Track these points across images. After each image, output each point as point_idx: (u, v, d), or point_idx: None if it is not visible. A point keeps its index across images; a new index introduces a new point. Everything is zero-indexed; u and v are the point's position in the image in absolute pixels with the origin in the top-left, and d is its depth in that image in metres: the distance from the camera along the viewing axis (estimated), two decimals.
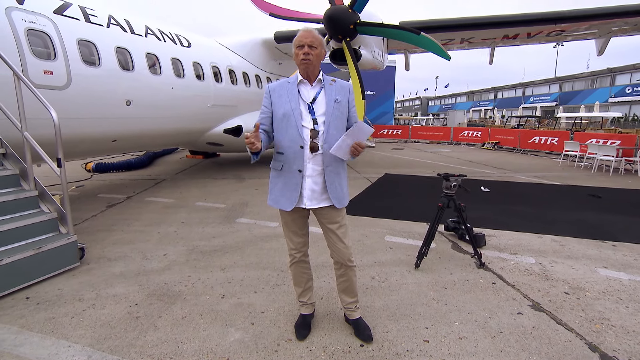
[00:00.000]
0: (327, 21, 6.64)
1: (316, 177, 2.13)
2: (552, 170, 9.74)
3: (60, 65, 4.71)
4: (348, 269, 2.29)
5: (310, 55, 2.05)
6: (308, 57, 2.05)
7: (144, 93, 6.08)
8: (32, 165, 3.64)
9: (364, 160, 11.21)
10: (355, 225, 4.68)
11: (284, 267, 3.43)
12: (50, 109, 3.39)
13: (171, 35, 7.13)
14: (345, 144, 2.04)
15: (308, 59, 2.05)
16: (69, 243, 3.41)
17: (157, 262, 3.60)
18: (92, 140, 5.53)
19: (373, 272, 3.36)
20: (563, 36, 9.25)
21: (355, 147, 2.03)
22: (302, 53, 2.05)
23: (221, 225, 4.78)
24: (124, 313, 2.66)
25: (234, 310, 2.70)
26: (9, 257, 2.94)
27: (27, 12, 4.44)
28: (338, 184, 2.18)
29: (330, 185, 2.14)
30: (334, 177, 2.15)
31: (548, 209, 5.62)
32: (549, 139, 13.71)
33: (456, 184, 3.39)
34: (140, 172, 9.18)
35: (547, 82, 46.95)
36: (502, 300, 2.85)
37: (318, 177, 2.13)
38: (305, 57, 2.05)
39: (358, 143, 2.03)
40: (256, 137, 1.94)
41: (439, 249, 3.95)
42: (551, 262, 3.59)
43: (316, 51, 2.07)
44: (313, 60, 2.07)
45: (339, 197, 2.18)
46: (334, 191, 2.15)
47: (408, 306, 2.76)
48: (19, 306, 2.77)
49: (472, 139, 17.52)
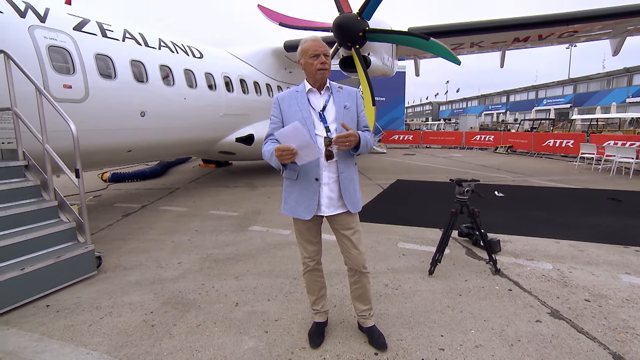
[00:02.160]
0: (336, 29, 6.71)
1: (332, 185, 2.15)
2: (568, 174, 9.52)
3: (79, 79, 4.88)
4: (362, 275, 2.29)
5: (326, 64, 2.10)
6: (325, 67, 2.10)
7: (157, 104, 6.22)
8: (52, 176, 3.76)
9: (375, 167, 11.19)
10: (367, 232, 4.66)
11: (297, 274, 3.44)
12: (69, 121, 3.51)
13: (183, 46, 7.30)
14: (306, 153, 1.93)
15: (325, 68, 2.10)
16: (87, 252, 3.49)
17: (171, 270, 3.65)
18: (108, 151, 5.68)
19: (386, 279, 3.34)
20: (576, 37, 9.11)
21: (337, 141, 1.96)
22: (319, 62, 2.08)
23: (234, 234, 4.82)
24: (140, 321, 2.71)
25: (247, 318, 2.71)
26: (31, 266, 3.03)
27: (49, 29, 4.63)
28: (353, 190, 2.20)
29: (345, 192, 2.16)
30: (348, 183, 2.17)
31: (565, 213, 5.49)
32: (564, 141, 13.43)
33: (469, 189, 3.36)
34: (154, 181, 9.37)
35: (561, 83, 46.14)
36: (519, 308, 2.79)
37: (334, 184, 2.15)
38: (322, 66, 2.09)
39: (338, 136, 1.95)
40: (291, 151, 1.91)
41: (453, 255, 3.89)
42: (570, 268, 3.50)
43: (329, 59, 2.13)
44: (329, 68, 2.13)
45: (354, 202, 2.20)
46: (349, 197, 2.17)
47: (422, 313, 2.73)
48: (39, 314, 2.85)
49: (484, 143, 17.30)
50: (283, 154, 1.90)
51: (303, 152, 1.92)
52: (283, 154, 1.90)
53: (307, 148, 1.91)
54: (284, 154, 1.90)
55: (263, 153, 2.16)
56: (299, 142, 1.89)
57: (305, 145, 1.91)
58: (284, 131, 1.92)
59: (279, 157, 1.92)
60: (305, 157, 1.95)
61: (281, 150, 1.90)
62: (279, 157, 1.92)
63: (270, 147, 2.07)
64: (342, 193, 2.15)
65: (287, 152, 1.89)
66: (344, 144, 1.98)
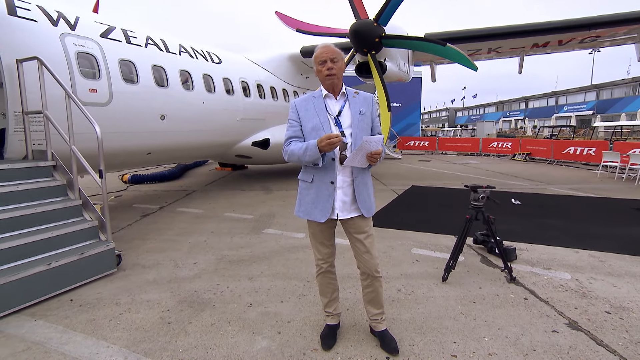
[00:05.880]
0: (352, 35, 6.77)
1: (346, 189, 2.19)
2: (589, 182, 9.26)
3: (104, 83, 5.09)
4: (374, 279, 2.30)
5: (333, 69, 2.14)
6: (332, 72, 2.14)
7: (177, 108, 6.40)
8: (77, 176, 3.93)
9: (390, 172, 11.14)
10: (381, 238, 4.66)
11: (310, 277, 3.47)
12: (94, 124, 3.67)
13: (203, 52, 7.50)
14: (359, 156, 2.05)
15: (333, 74, 2.14)
16: (108, 250, 3.62)
17: (187, 270, 3.74)
18: (129, 153, 5.87)
19: (399, 284, 3.33)
20: (599, 42, 8.86)
21: (372, 155, 2.05)
22: (325, 69, 2.14)
23: (249, 236, 4.89)
24: (157, 318, 2.79)
25: (260, 319, 2.76)
26: (57, 262, 3.17)
27: (78, 37, 4.86)
28: (366, 194, 2.23)
29: (359, 196, 2.19)
30: (362, 188, 2.21)
31: (585, 222, 5.35)
32: (585, 149, 13.06)
33: (484, 196, 3.33)
34: (172, 183, 9.60)
35: (583, 90, 44.92)
36: (535, 317, 2.74)
37: (348, 188, 2.19)
38: (329, 72, 2.14)
39: (374, 151, 2.04)
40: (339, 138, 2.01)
41: (468, 262, 3.85)
42: (589, 279, 3.41)
43: (338, 64, 2.16)
44: (337, 73, 2.15)
45: (368, 206, 2.23)
46: (363, 201, 2.20)
47: (435, 320, 2.72)
48: (63, 307, 2.98)
49: (502, 150, 16.99)
50: (334, 140, 1.97)
51: (358, 156, 2.04)
52: (334, 140, 1.97)
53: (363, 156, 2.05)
54: (334, 140, 1.97)
55: (289, 153, 2.19)
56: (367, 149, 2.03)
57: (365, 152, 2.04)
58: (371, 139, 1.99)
59: (329, 143, 1.97)
60: (356, 161, 2.08)
61: (332, 137, 1.97)
62: (328, 144, 1.97)
63: (295, 146, 2.15)
64: (357, 197, 2.19)
65: (337, 139, 1.98)
66: (376, 160, 2.07)
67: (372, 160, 2.08)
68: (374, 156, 2.05)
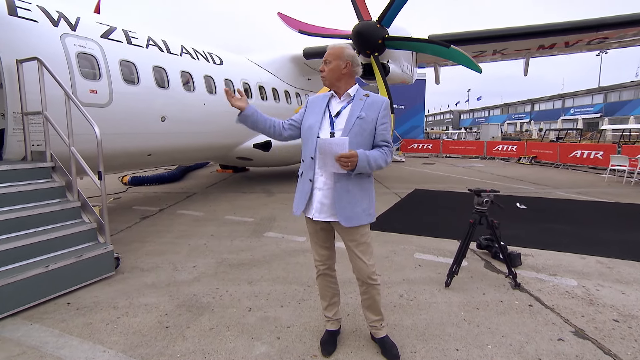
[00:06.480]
0: (355, 37, 6.78)
1: (326, 191, 2.14)
2: (596, 186, 9.20)
3: (104, 84, 5.11)
4: (370, 287, 2.26)
5: (324, 71, 2.18)
6: (322, 74, 2.20)
7: (178, 109, 6.42)
8: (76, 178, 3.94)
9: (393, 175, 11.12)
10: (383, 242, 4.64)
11: (310, 282, 3.45)
12: (94, 125, 3.68)
13: (204, 53, 7.53)
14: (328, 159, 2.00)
15: (322, 75, 2.21)
16: (106, 252, 3.62)
17: (186, 273, 3.74)
18: (129, 154, 5.88)
19: (401, 289, 3.31)
20: (607, 44, 8.81)
21: (339, 159, 1.95)
22: (320, 70, 2.22)
23: (249, 239, 4.88)
24: (155, 322, 2.78)
25: (260, 324, 2.74)
26: (54, 264, 3.17)
27: (79, 37, 4.89)
28: (347, 202, 2.10)
29: (338, 202, 2.10)
30: (343, 194, 2.10)
31: (592, 227, 5.31)
32: (592, 152, 12.98)
33: (488, 200, 3.31)
34: (172, 185, 9.62)
35: (590, 92, 44.75)
36: (540, 325, 2.71)
37: (328, 191, 2.14)
38: (321, 73, 2.21)
39: (340, 155, 1.94)
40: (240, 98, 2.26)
41: (471, 267, 3.83)
42: (596, 286, 3.37)
43: (330, 66, 2.15)
44: (326, 75, 2.18)
45: (348, 215, 2.10)
46: (341, 208, 2.10)
47: (437, 326, 2.69)
48: (60, 311, 2.97)
49: (507, 154, 16.93)
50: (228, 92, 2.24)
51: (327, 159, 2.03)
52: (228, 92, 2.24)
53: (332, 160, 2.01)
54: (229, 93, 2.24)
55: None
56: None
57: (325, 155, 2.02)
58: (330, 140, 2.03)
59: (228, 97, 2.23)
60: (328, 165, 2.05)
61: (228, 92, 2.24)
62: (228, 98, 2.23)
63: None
64: (335, 202, 2.11)
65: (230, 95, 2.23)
66: (345, 165, 1.96)
67: (342, 165, 1.96)
68: (341, 160, 1.94)
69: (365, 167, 2.02)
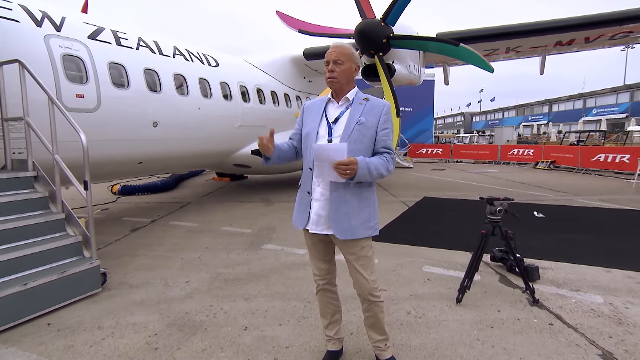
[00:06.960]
0: (358, 36, 6.81)
1: (323, 202, 2.12)
2: (623, 193, 9.10)
3: (91, 88, 5.15)
4: (372, 304, 2.22)
5: (334, 72, 2.10)
6: (333, 75, 2.10)
7: (170, 114, 6.45)
8: (61, 187, 3.94)
9: (400, 182, 11.09)
10: (390, 254, 4.60)
11: (311, 298, 3.41)
12: (80, 132, 3.69)
13: (199, 55, 7.59)
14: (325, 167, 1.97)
15: (333, 77, 2.11)
16: (92, 268, 3.60)
17: (178, 289, 3.71)
18: (119, 162, 5.90)
19: (409, 306, 3.26)
20: (632, 38, 8.62)
21: (337, 167, 1.91)
22: (327, 70, 2.12)
23: (246, 252, 4.86)
24: (143, 343, 2.74)
25: (256, 344, 2.70)
26: (34, 282, 3.14)
27: (64, 38, 4.94)
28: (345, 213, 2.07)
29: (334, 213, 2.08)
30: (340, 204, 2.07)
31: (619, 238, 5.22)
32: (617, 156, 12.87)
33: (502, 209, 3.27)
34: (165, 194, 9.63)
35: (615, 91, 44.63)
36: (563, 346, 2.64)
37: (325, 202, 2.11)
38: (330, 74, 2.11)
39: (339, 162, 1.91)
40: (269, 141, 2.09)
41: (485, 281, 3.77)
42: (625, 303, 3.29)
43: (342, 67, 2.09)
44: (338, 77, 2.10)
45: (344, 228, 2.07)
46: (337, 219, 2.07)
47: (448, 346, 2.64)
48: (40, 332, 2.93)
49: (523, 158, 16.87)
50: (261, 139, 2.08)
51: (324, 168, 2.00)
52: (261, 139, 2.08)
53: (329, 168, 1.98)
54: (261, 139, 2.08)
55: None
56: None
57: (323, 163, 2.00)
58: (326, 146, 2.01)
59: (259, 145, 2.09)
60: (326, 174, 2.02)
61: (261, 137, 2.08)
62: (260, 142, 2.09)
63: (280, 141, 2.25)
64: (331, 214, 2.09)
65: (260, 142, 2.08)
66: (344, 172, 1.91)
67: (340, 172, 1.91)
68: (339, 168, 1.90)
69: (365, 175, 1.98)
